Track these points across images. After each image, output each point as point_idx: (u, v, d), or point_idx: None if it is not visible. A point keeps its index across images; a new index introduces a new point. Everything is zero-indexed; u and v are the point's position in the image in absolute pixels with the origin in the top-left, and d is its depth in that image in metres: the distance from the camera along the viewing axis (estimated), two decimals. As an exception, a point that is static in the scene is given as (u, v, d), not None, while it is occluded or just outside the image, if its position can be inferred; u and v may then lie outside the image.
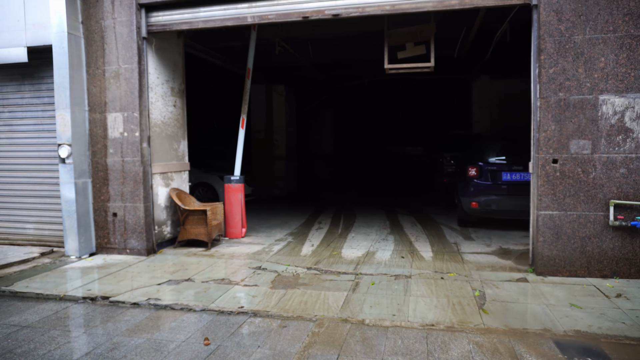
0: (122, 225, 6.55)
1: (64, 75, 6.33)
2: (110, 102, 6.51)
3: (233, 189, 7.51)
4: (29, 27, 6.54)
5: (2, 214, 7.25)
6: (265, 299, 4.61)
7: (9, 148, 7.18)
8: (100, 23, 6.51)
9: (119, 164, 6.51)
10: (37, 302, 4.82)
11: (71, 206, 6.41)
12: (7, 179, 7.20)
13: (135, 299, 4.71)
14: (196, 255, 6.45)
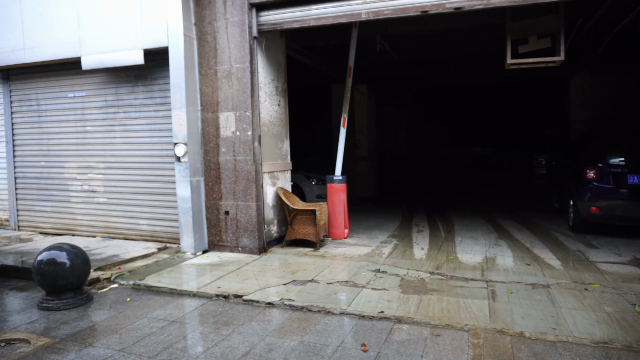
0: (234, 223, 6.65)
1: (180, 75, 6.51)
2: (223, 102, 6.62)
3: (336, 189, 7.45)
4: (145, 30, 6.78)
5: (119, 210, 7.60)
6: (403, 305, 4.46)
7: (124, 147, 7.51)
8: (212, 24, 6.64)
9: (231, 163, 6.61)
10: (173, 297, 4.96)
11: (187, 204, 6.58)
12: (123, 176, 7.54)
13: (268, 298, 4.72)
14: (307, 256, 6.42)
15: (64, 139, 8.00)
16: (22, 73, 8.20)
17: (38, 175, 8.32)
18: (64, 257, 4.72)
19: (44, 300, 4.76)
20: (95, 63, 7.12)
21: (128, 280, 5.48)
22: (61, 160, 8.07)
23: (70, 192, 8.04)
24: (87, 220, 7.94)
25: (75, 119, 7.86)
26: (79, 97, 7.80)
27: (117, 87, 7.47)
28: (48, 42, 7.47)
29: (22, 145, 8.42)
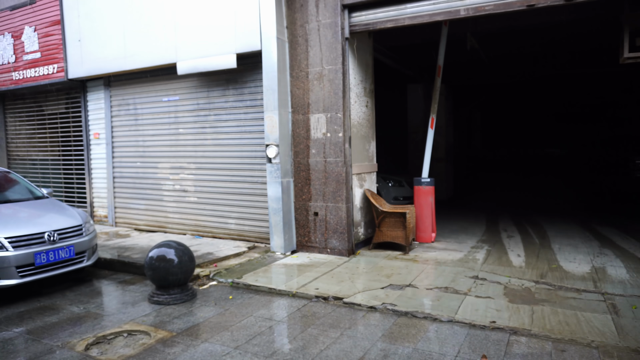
0: (323, 224, 6.66)
1: (272, 78, 6.62)
2: (313, 104, 6.66)
3: (424, 192, 7.26)
4: (238, 35, 6.97)
5: (208, 209, 7.88)
6: (514, 315, 4.23)
7: (214, 148, 7.78)
8: (304, 27, 6.69)
9: (321, 164, 6.63)
10: (273, 297, 5.03)
11: (277, 204, 6.69)
12: (213, 177, 7.81)
13: (368, 302, 4.66)
14: (398, 259, 6.31)
15: (158, 140, 8.43)
16: (121, 79, 8.74)
17: (134, 175, 8.83)
18: (172, 254, 4.94)
19: (154, 295, 5.01)
20: (190, 68, 7.42)
21: (226, 278, 5.64)
22: (155, 161, 8.51)
23: (163, 191, 8.46)
24: (178, 218, 8.31)
25: (168, 121, 8.26)
26: (172, 100, 8.18)
27: (209, 91, 7.75)
28: (146, 49, 7.90)
29: (119, 147, 8.98)
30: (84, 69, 8.76)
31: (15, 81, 9.86)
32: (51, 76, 9.28)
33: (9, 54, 9.88)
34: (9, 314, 4.77)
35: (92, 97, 9.26)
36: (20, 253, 5.01)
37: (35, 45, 9.41)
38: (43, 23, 9.23)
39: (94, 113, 9.29)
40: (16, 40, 9.73)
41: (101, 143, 9.22)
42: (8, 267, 4.93)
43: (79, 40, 8.75)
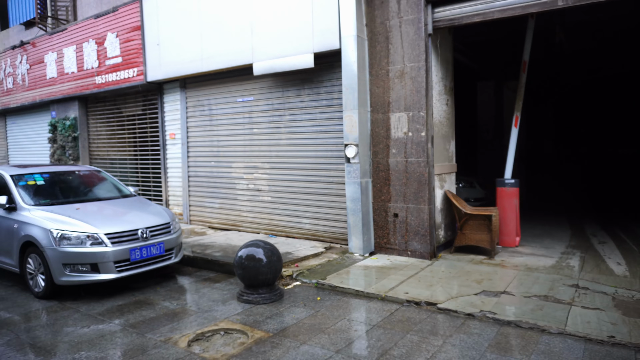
0: (403, 226, 6.49)
1: (352, 77, 6.52)
2: (394, 102, 6.49)
3: (507, 193, 6.91)
4: (316, 33, 6.92)
5: (282, 209, 7.91)
6: (636, 330, 3.88)
7: (288, 148, 7.79)
8: (385, 24, 6.54)
9: (402, 165, 6.46)
10: (361, 299, 4.93)
11: (356, 205, 6.58)
12: (287, 176, 7.83)
13: (464, 309, 4.44)
14: (484, 264, 6.02)
15: (232, 140, 8.57)
16: (197, 81, 8.97)
17: (208, 174, 9.04)
18: (261, 253, 4.94)
19: (243, 294, 5.04)
20: (266, 69, 7.47)
21: (310, 278, 5.60)
22: (229, 161, 8.65)
23: (237, 190, 8.59)
24: (252, 217, 8.40)
25: (243, 122, 8.37)
26: (247, 101, 8.28)
27: (284, 91, 7.77)
28: (223, 51, 8.04)
29: (194, 147, 9.21)
30: (162, 71, 9.06)
31: (98, 85, 10.38)
32: (131, 79, 9.68)
33: (92, 60, 10.41)
34: (110, 307, 4.96)
35: (169, 98, 9.57)
36: (118, 249, 5.20)
37: (117, 50, 9.86)
38: (124, 29, 9.65)
39: (170, 114, 9.60)
40: (99, 46, 10.23)
41: (177, 143, 9.51)
42: (107, 262, 5.13)
43: (157, 44, 9.07)
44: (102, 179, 6.93)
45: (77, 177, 6.68)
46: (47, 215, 5.36)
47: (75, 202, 5.99)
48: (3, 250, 5.73)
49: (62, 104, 11.73)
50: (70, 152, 11.45)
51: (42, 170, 6.41)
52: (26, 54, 12.36)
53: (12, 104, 13.14)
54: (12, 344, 4.08)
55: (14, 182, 5.91)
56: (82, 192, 6.42)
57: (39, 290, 5.30)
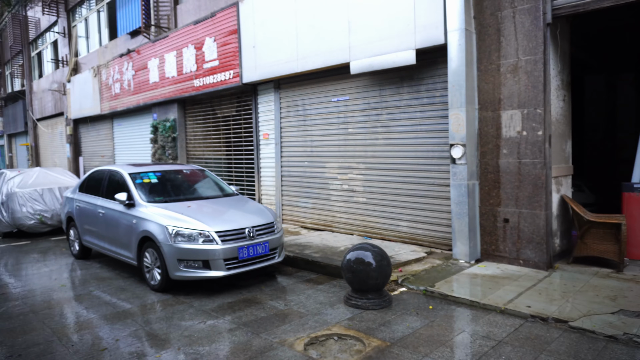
0: (514, 232, 6.01)
1: (459, 73, 6.16)
2: (506, 99, 6.03)
3: (636, 199, 6.16)
4: (418, 29, 6.62)
5: (377, 211, 7.72)
6: None
7: (385, 148, 7.57)
8: (495, 15, 6.10)
9: (514, 166, 5.98)
10: (477, 311, 4.59)
11: (462, 208, 6.21)
12: (383, 177, 7.62)
13: (603, 329, 3.95)
14: (612, 278, 5.39)
15: (326, 140, 8.52)
16: (291, 82, 9.04)
17: (301, 174, 9.07)
18: (370, 257, 4.78)
19: (351, 298, 4.91)
20: (364, 67, 7.31)
21: (416, 285, 5.34)
22: (323, 161, 8.61)
23: (331, 190, 8.52)
24: (346, 218, 8.29)
25: (337, 121, 8.28)
26: (342, 100, 8.18)
27: (381, 90, 7.56)
28: (319, 51, 8.00)
29: (288, 147, 9.30)
30: (257, 73, 9.24)
31: (196, 88, 10.85)
32: (227, 82, 10.00)
33: (191, 64, 10.91)
34: (220, 304, 5.06)
35: (263, 99, 9.75)
36: (227, 247, 5.30)
37: (214, 54, 10.23)
38: (221, 33, 9.99)
39: (263, 115, 9.78)
40: (198, 51, 10.70)
41: (270, 143, 9.67)
42: (218, 260, 5.25)
43: (253, 46, 9.26)
44: (206, 177, 7.17)
45: (185, 175, 6.97)
46: (162, 212, 5.61)
47: (184, 199, 6.24)
48: (122, 243, 6.10)
49: (162, 106, 12.45)
50: (170, 151, 12.11)
51: (154, 169, 6.76)
52: (132, 61, 13.29)
53: (119, 107, 14.20)
54: (137, 335, 4.27)
55: (132, 180, 6.28)
56: (189, 190, 6.69)
57: (154, 284, 5.57)
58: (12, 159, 27.29)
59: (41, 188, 9.94)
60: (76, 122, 18.01)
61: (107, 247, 6.53)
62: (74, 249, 7.65)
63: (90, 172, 7.48)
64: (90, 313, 4.88)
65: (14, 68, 23.95)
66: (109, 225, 6.38)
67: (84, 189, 7.34)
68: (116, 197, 6.00)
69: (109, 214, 6.36)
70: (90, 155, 17.52)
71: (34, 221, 9.67)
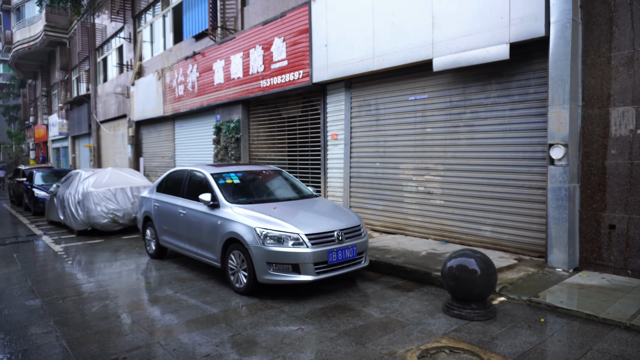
0: (622, 240, 5.49)
1: (562, 68, 5.71)
2: (617, 94, 5.53)
3: None
4: (514, 21, 6.21)
5: (457, 214, 7.34)
6: None
7: (468, 149, 7.19)
8: (608, 3, 5.61)
9: (624, 168, 5.46)
10: (596, 325, 4.17)
11: (561, 213, 5.75)
12: (465, 179, 7.23)
13: None
14: None
15: (400, 141, 8.22)
16: (363, 81, 8.80)
17: (372, 175, 8.81)
18: (474, 264, 4.45)
19: (452, 307, 4.59)
20: (449, 63, 6.96)
21: (517, 294, 4.95)
22: (396, 162, 8.31)
23: (404, 192, 8.21)
24: (420, 221, 7.95)
25: (414, 121, 7.96)
26: (419, 99, 7.86)
27: (465, 87, 7.18)
28: (398, 48, 7.72)
29: (358, 147, 9.06)
30: (329, 72, 9.07)
31: (262, 88, 10.83)
32: (295, 82, 9.89)
33: (258, 65, 10.91)
34: (312, 310, 4.88)
35: (332, 99, 9.57)
36: (317, 250, 5.12)
37: (282, 54, 10.16)
38: (291, 33, 9.90)
39: (332, 115, 9.60)
40: (265, 51, 10.67)
41: (339, 144, 9.47)
42: (308, 264, 5.07)
43: (325, 45, 9.10)
44: (284, 178, 7.05)
45: (264, 176, 6.88)
46: (249, 213, 5.50)
47: (267, 201, 6.12)
48: (204, 244, 6.06)
49: (226, 107, 12.54)
50: (233, 152, 12.17)
51: (235, 169, 6.70)
52: (196, 63, 13.50)
53: (182, 109, 14.48)
54: (236, 341, 4.14)
55: (215, 180, 6.23)
56: (270, 191, 6.58)
57: (240, 286, 5.46)
58: (75, 159, 28.66)
59: (114, 188, 10.21)
60: (138, 124, 18.59)
61: (186, 247, 6.52)
62: (150, 248, 7.73)
63: (169, 172, 7.54)
64: (180, 316, 4.82)
65: (80, 73, 25.11)
66: (190, 226, 6.37)
67: (162, 189, 7.41)
68: (200, 197, 5.96)
69: (190, 215, 6.35)
70: (151, 156, 18.02)
71: (107, 220, 9.94)
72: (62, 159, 31.43)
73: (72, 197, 10.23)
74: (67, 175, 11.46)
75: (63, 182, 11.49)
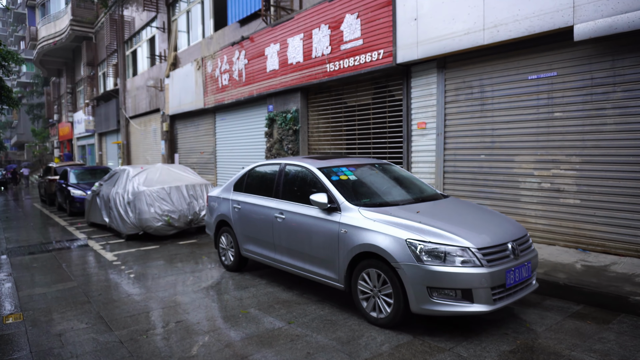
0: None
1: None
2: None
3: None
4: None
5: (598, 216, 5.85)
6: None
7: (618, 136, 5.70)
8: None
9: None
10: None
11: None
12: (611, 173, 5.74)
13: None
14: None
15: (515, 128, 6.74)
16: (463, 58, 7.32)
17: (474, 170, 7.34)
18: None
19: None
20: (599, 30, 5.45)
21: None
22: (509, 154, 6.84)
23: (521, 190, 6.74)
24: (545, 224, 6.48)
25: (536, 104, 6.48)
26: (544, 77, 6.37)
27: (614, 60, 5.68)
28: (521, 15, 6.23)
29: (454, 137, 7.60)
30: (419, 51, 7.60)
31: (328, 73, 9.39)
32: (372, 64, 8.44)
33: (323, 46, 9.46)
34: (500, 353, 3.43)
35: (418, 82, 8.10)
36: (495, 270, 3.69)
37: (356, 32, 8.71)
38: (368, 8, 8.43)
39: (419, 100, 8.13)
40: (333, 31, 9.23)
41: (428, 134, 8.01)
42: (484, 288, 3.64)
43: (414, 19, 7.63)
44: (401, 174, 5.59)
45: (381, 170, 5.43)
46: (389, 219, 4.07)
47: (400, 203, 4.66)
48: (318, 259, 4.65)
49: (280, 96, 11.13)
50: (290, 145, 10.76)
51: (343, 162, 5.27)
52: (244, 50, 12.09)
53: (226, 100, 13.09)
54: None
55: (326, 177, 4.81)
56: (393, 190, 5.10)
57: (380, 317, 4.04)
58: (102, 157, 27.50)
59: (168, 186, 8.85)
60: (172, 118, 17.27)
61: (286, 261, 5.12)
62: (226, 259, 6.36)
63: (251, 167, 6.14)
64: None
65: (108, 68, 23.88)
66: (292, 235, 4.96)
67: (244, 188, 6.02)
68: (312, 198, 4.55)
69: (293, 221, 4.94)
70: (187, 152, 16.70)
71: (162, 223, 8.59)
72: (88, 156, 30.31)
73: (121, 197, 8.90)
74: (112, 173, 10.13)
75: (106, 180, 10.18)
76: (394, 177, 5.32)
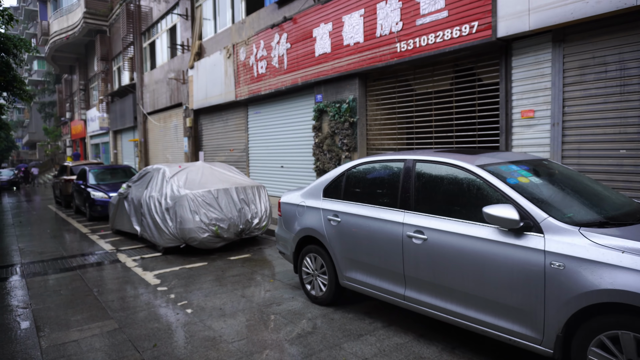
0: None
1: None
2: None
3: None
4: None
5: None
6: None
7: None
8: None
9: None
10: None
11: None
12: None
13: None
14: None
15: (676, 114, 5.07)
16: (594, 28, 5.66)
17: (610, 168, 5.69)
18: None
19: None
20: None
21: None
22: (665, 147, 5.18)
23: (684, 194, 5.08)
24: None
25: None
26: None
27: None
28: (703, -39, 4.55)
29: (577, 128, 5.94)
30: (531, 21, 5.94)
31: (399, 54, 7.73)
32: (459, 40, 6.78)
33: (392, 22, 7.79)
34: None
35: (523, 61, 6.44)
36: None
37: (439, 2, 7.04)
38: (457, -30, 6.77)
39: (523, 83, 6.47)
40: (405, 3, 7.56)
41: (537, 124, 6.35)
42: None
43: (526, -21, 5.95)
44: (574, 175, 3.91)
45: (552, 171, 3.76)
46: None
47: (620, 219, 3.01)
48: (497, 305, 3.01)
49: (332, 84, 9.47)
50: (345, 140, 9.12)
51: (508, 159, 3.60)
52: (285, 33, 10.43)
53: (263, 90, 11.44)
54: None
55: (501, 180, 3.15)
56: (593, 199, 3.41)
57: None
58: (117, 155, 25.92)
59: (215, 189, 7.20)
60: (197, 113, 15.65)
61: (427, 301, 3.46)
62: (312, 287, 4.72)
63: (350, 166, 4.49)
64: None
65: (123, 62, 22.24)
66: (443, 264, 3.32)
67: (342, 193, 4.38)
68: (490, 212, 2.91)
69: (446, 244, 3.29)
70: (214, 149, 15.08)
71: (209, 234, 6.95)
72: (102, 155, 28.72)
73: (156, 202, 7.28)
74: (142, 172, 8.50)
75: (136, 181, 8.56)
76: (574, 181, 3.63)
